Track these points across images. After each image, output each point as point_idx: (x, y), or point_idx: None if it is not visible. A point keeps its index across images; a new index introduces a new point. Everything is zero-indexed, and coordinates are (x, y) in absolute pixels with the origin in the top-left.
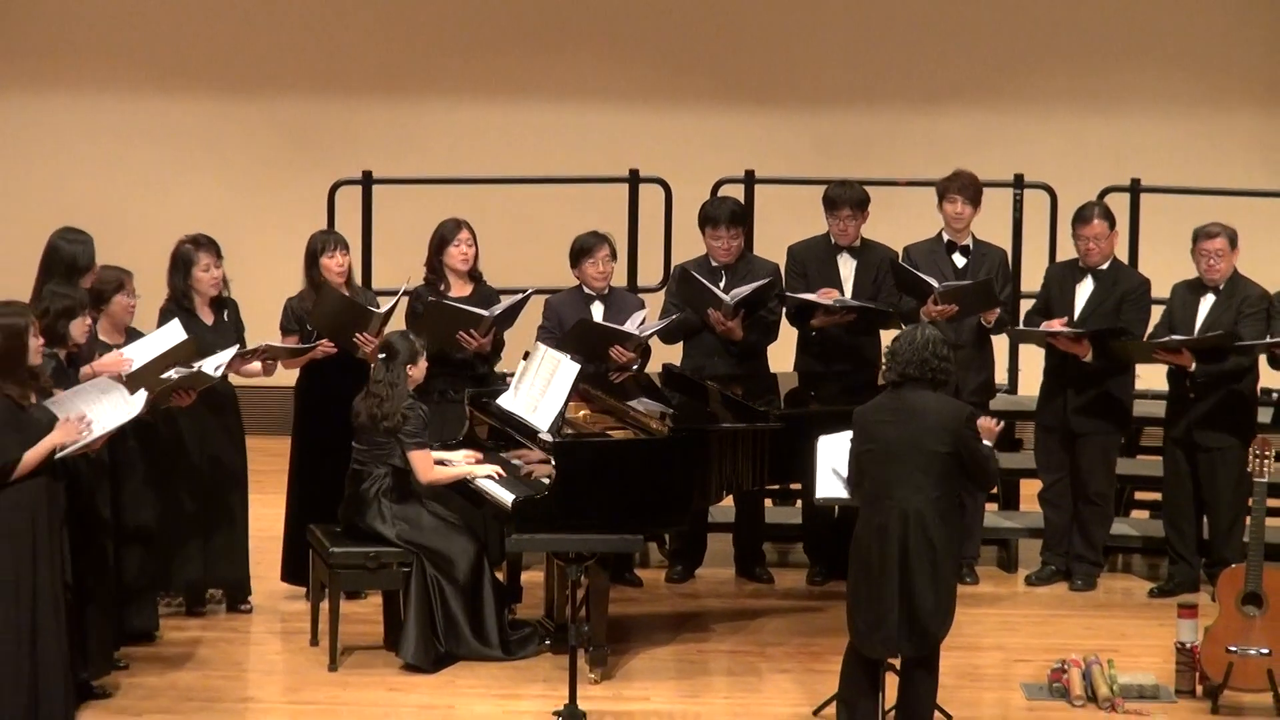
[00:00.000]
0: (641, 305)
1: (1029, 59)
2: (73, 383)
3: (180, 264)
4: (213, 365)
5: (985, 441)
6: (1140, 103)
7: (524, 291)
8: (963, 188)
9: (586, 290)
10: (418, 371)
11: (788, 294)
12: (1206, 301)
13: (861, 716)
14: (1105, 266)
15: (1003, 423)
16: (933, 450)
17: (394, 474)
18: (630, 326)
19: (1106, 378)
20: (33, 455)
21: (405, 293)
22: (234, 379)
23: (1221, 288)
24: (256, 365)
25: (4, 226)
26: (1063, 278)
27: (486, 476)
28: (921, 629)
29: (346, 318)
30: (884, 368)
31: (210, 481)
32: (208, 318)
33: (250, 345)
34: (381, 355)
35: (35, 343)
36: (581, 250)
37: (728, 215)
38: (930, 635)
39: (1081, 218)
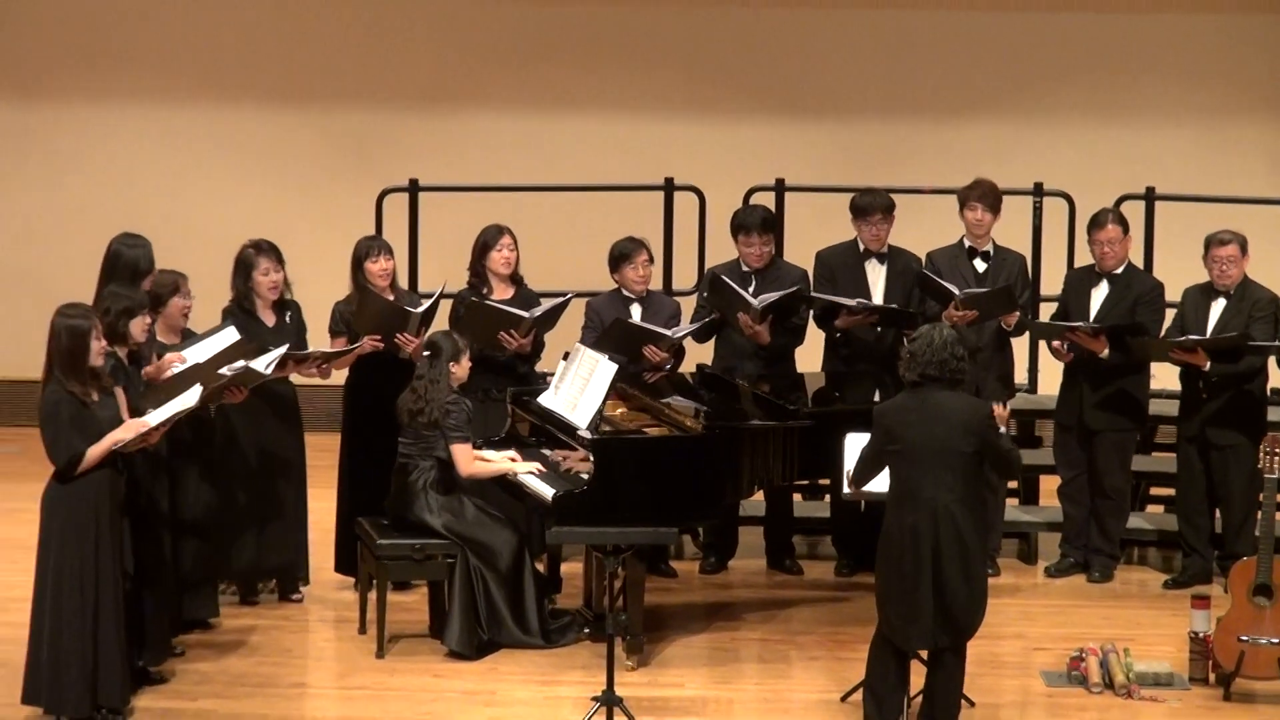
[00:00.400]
0: (678, 308)
1: (1048, 72)
2: (133, 381)
3: (242, 267)
4: (263, 364)
5: (1000, 429)
6: (1155, 114)
7: (564, 295)
8: (983, 196)
9: (626, 293)
10: (460, 369)
11: (814, 294)
12: (1218, 305)
13: (889, 704)
14: (1119, 270)
15: (1009, 408)
16: (959, 450)
17: (439, 467)
18: (665, 328)
19: (1122, 377)
20: (96, 451)
21: (443, 294)
22: (294, 378)
23: (1232, 292)
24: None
25: (68, 232)
26: (1079, 283)
27: (527, 473)
28: (956, 621)
29: (387, 319)
30: (903, 368)
31: (265, 474)
32: (269, 319)
33: (311, 347)
34: (426, 353)
35: (97, 344)
36: (621, 255)
37: (759, 222)
38: (965, 627)
39: (1096, 223)
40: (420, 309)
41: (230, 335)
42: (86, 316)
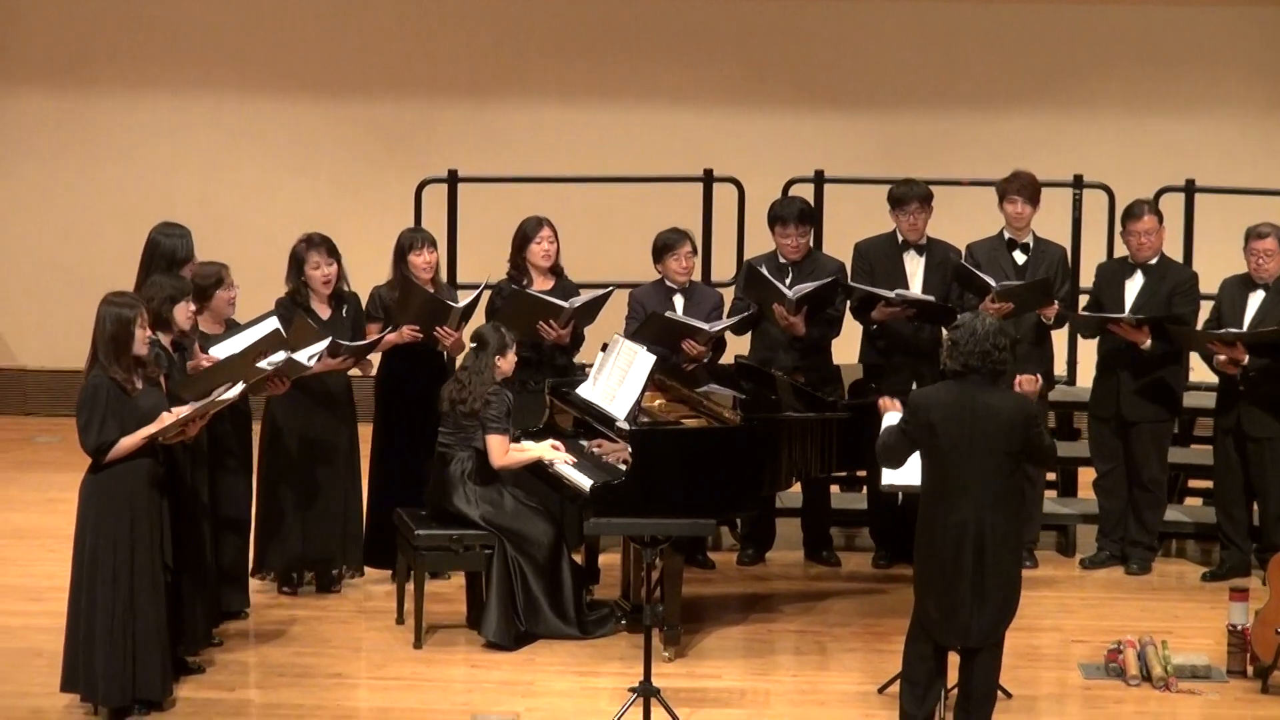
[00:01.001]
0: (720, 299)
1: (1088, 64)
2: (175, 368)
3: (294, 263)
4: (306, 355)
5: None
6: (1195, 106)
7: (605, 286)
8: (1021, 188)
9: (669, 284)
10: (506, 363)
11: (852, 284)
12: (1255, 297)
13: (926, 696)
14: (1154, 261)
15: (1040, 381)
16: (1004, 450)
17: (477, 457)
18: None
19: (1158, 367)
20: (129, 441)
21: (487, 286)
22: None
23: (1270, 285)
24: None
25: (109, 223)
26: (1112, 274)
27: (563, 462)
28: (994, 619)
29: (429, 311)
30: (944, 357)
31: (309, 467)
32: (324, 312)
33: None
34: (472, 344)
35: (142, 333)
36: (665, 246)
37: (796, 214)
38: (1003, 624)
39: (1132, 213)
40: (461, 304)
41: (269, 326)
42: (133, 304)
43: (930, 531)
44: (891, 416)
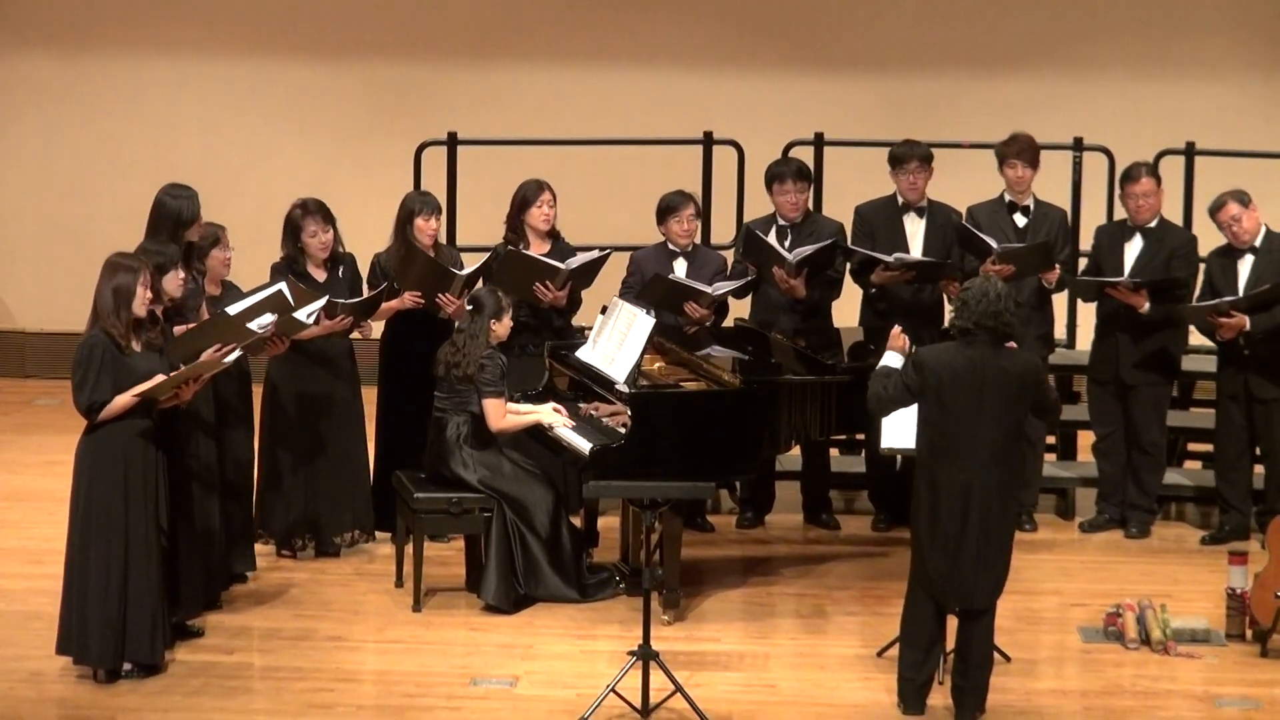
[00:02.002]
0: (724, 262)
1: (1088, 25)
2: (166, 336)
3: (290, 229)
4: (305, 313)
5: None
6: (1195, 68)
7: (603, 248)
8: (1020, 151)
9: (671, 246)
10: (501, 327)
11: (852, 247)
12: (1245, 263)
13: (926, 659)
14: (1153, 224)
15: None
16: (1012, 413)
17: (473, 421)
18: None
19: (1157, 331)
20: (121, 400)
21: (493, 254)
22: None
23: (1258, 245)
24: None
25: (110, 184)
26: (1111, 238)
27: (562, 425)
28: (997, 581)
29: (431, 278)
30: (953, 316)
31: (310, 431)
32: (320, 276)
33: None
34: (469, 307)
35: (143, 291)
36: (668, 208)
37: (794, 171)
38: (1001, 585)
39: (1130, 176)
40: (465, 271)
41: (275, 289)
42: (136, 264)
43: (932, 493)
44: (892, 357)
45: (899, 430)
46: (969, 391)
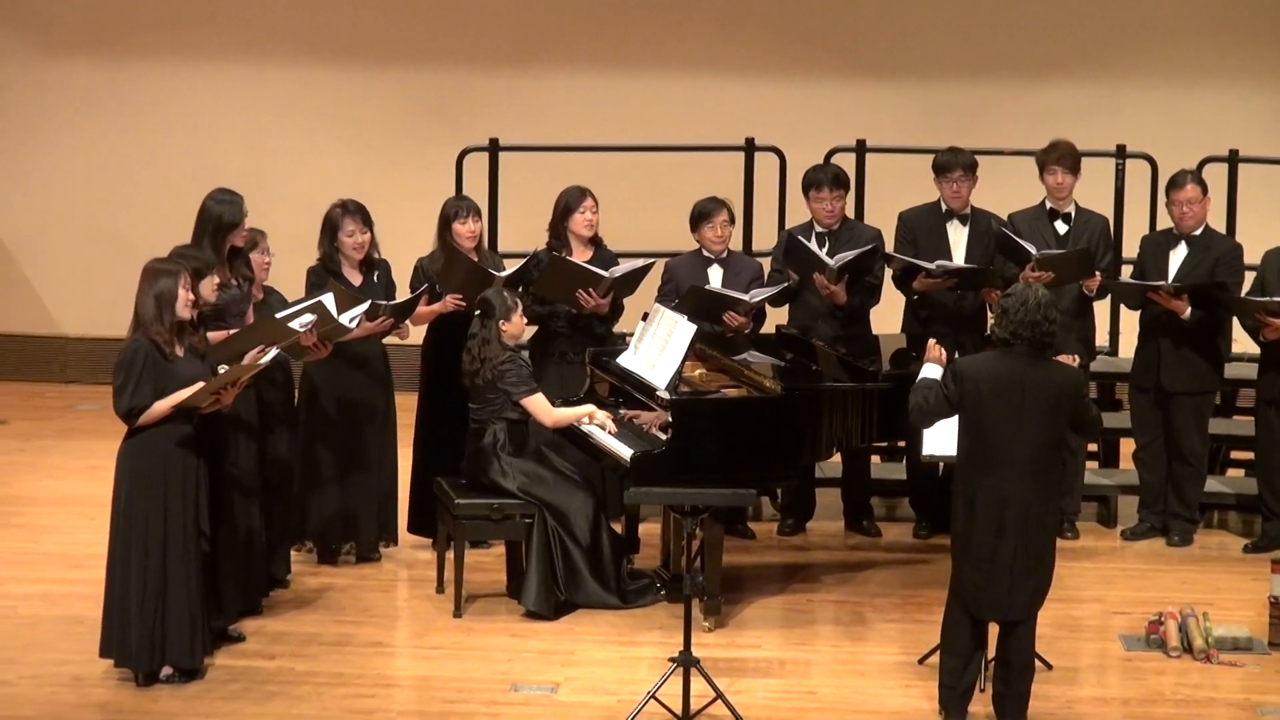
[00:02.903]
0: (759, 268)
1: (1131, 33)
2: (204, 340)
3: (328, 228)
4: (347, 317)
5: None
6: (1239, 76)
7: (644, 255)
8: (1061, 158)
9: (705, 253)
10: (513, 326)
11: (894, 254)
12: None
13: (967, 667)
14: (1198, 232)
15: (1078, 360)
16: (1051, 424)
17: (509, 428)
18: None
19: (1200, 338)
20: (161, 405)
21: (533, 257)
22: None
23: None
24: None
25: (151, 191)
26: (1157, 245)
27: (603, 427)
28: (1035, 592)
29: (472, 280)
30: (993, 324)
31: (348, 436)
32: (355, 279)
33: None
34: (477, 312)
35: (185, 294)
36: (701, 215)
37: (830, 178)
38: (1042, 597)
39: (1175, 183)
40: (505, 273)
41: (326, 302)
42: (175, 268)
43: (970, 503)
44: (931, 369)
45: (941, 438)
46: (1008, 401)
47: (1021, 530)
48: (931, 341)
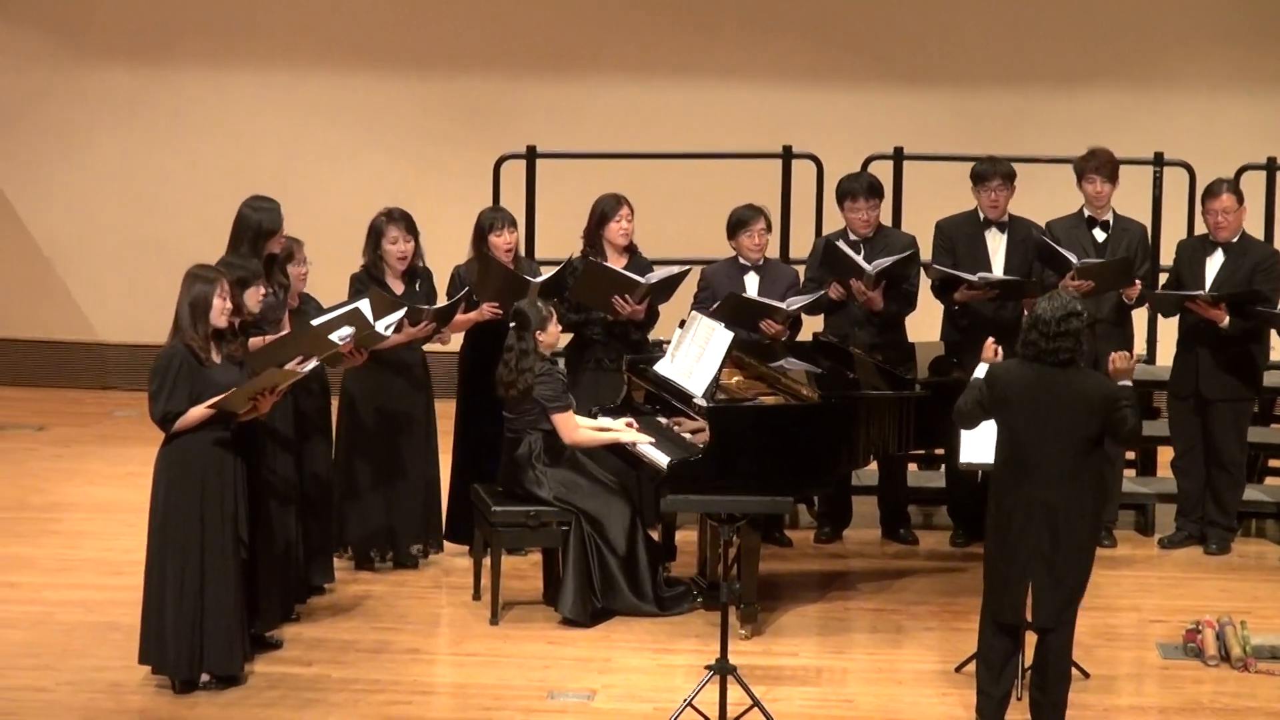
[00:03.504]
0: (796, 276)
1: (1169, 40)
2: (245, 349)
3: (373, 235)
4: (383, 324)
5: (1124, 382)
6: (1276, 83)
7: (680, 263)
8: (1099, 166)
9: (742, 261)
10: (548, 337)
11: (934, 266)
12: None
13: (1003, 675)
14: (1235, 240)
15: (1132, 357)
16: (1085, 434)
17: (544, 438)
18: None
19: (1238, 345)
20: (196, 412)
21: (568, 265)
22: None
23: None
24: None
25: (190, 198)
26: (1192, 252)
27: (639, 439)
28: (1065, 599)
29: (508, 288)
30: (1023, 337)
31: (386, 443)
32: (397, 287)
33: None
34: (512, 323)
35: (220, 303)
36: (738, 222)
37: (865, 187)
38: (1074, 604)
39: (1211, 192)
40: (540, 279)
41: (362, 310)
42: (214, 275)
43: (1000, 510)
44: (981, 369)
45: (977, 445)
46: (1036, 407)
47: (1048, 535)
48: (989, 341)
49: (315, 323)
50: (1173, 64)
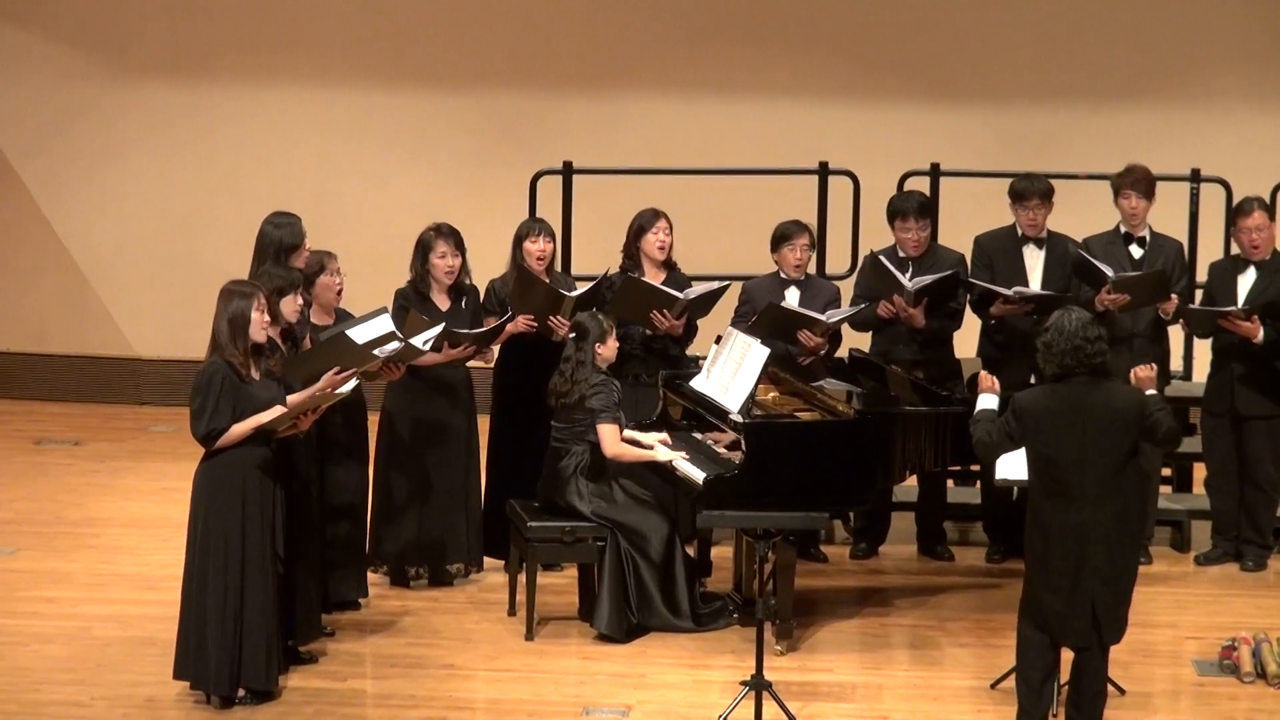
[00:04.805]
0: (837, 292)
1: (1206, 56)
2: (284, 359)
3: (420, 250)
4: (421, 340)
5: (1150, 391)
6: None
7: (718, 278)
8: (1135, 182)
9: (784, 275)
10: (607, 350)
11: (971, 280)
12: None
13: (1042, 692)
14: (1267, 257)
15: (1156, 369)
16: (1119, 450)
17: (591, 451)
18: (820, 313)
19: (1273, 361)
20: (239, 428)
21: (604, 279)
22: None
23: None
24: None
25: (225, 214)
26: (1224, 271)
27: (673, 458)
28: (1120, 619)
29: (542, 301)
30: (1040, 361)
31: (424, 458)
32: (443, 304)
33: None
34: (572, 335)
35: (258, 317)
36: (782, 236)
37: (915, 207)
38: (1125, 621)
39: (1242, 210)
40: (576, 293)
41: (384, 324)
42: (250, 290)
43: (1045, 534)
44: (987, 399)
45: (1013, 463)
46: (1070, 432)
47: (1105, 557)
48: (982, 373)
49: (350, 334)
50: (1210, 81)
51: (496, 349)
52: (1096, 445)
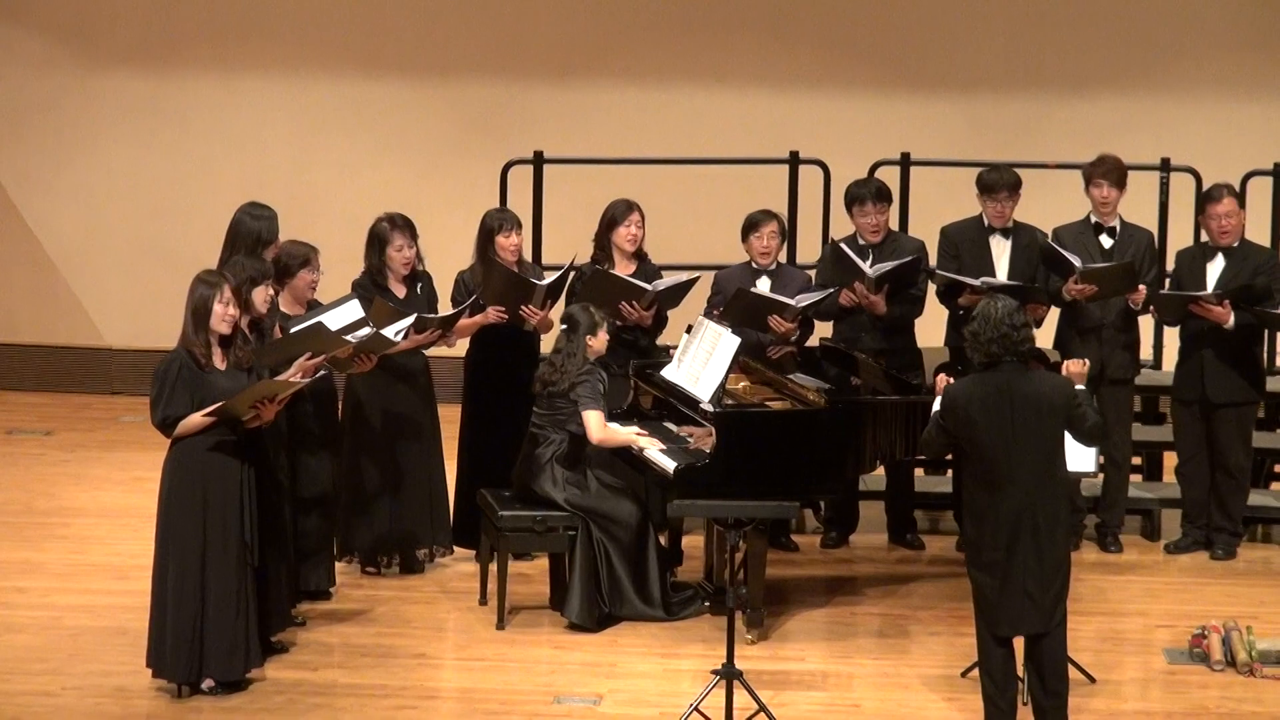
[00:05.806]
0: (808, 280)
1: (1176, 46)
2: (252, 349)
3: (375, 242)
4: (393, 330)
5: (1079, 386)
6: None
7: (688, 268)
8: (1107, 172)
9: (754, 265)
10: (598, 342)
11: (938, 271)
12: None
13: (1006, 681)
14: (1235, 245)
15: (1088, 364)
16: (1049, 435)
17: (569, 440)
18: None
19: (1243, 349)
20: (196, 418)
21: (571, 267)
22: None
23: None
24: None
25: (198, 202)
26: (1193, 259)
27: (648, 444)
28: (1054, 604)
29: (513, 291)
30: (968, 351)
31: (391, 447)
32: (400, 291)
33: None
34: (563, 326)
35: (221, 308)
36: (750, 225)
37: (874, 193)
38: (1062, 607)
39: (1210, 197)
40: (546, 281)
41: (354, 310)
42: (216, 280)
43: (980, 523)
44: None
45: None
46: (998, 419)
47: (1033, 544)
48: (940, 376)
49: (323, 319)
50: (1180, 70)
51: (462, 341)
52: (1026, 432)
